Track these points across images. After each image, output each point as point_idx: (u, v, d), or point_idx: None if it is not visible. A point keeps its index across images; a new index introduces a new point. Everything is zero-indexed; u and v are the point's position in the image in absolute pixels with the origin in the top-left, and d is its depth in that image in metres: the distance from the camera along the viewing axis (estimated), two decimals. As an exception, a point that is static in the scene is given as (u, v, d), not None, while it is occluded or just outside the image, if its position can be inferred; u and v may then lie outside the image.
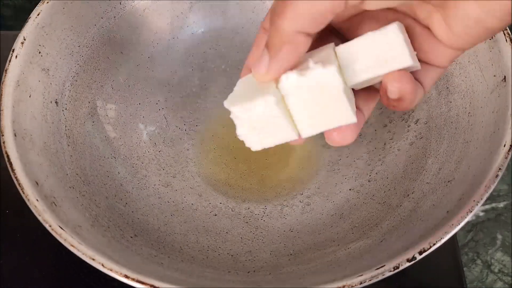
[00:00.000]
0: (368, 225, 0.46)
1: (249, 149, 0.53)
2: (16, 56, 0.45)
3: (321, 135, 0.53)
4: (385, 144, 0.51)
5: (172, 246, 0.45)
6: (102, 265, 0.37)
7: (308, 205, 0.50)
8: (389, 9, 0.32)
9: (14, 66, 0.45)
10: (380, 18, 0.33)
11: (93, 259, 0.37)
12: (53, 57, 0.48)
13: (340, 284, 0.36)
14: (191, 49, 0.57)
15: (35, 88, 0.46)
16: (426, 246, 0.37)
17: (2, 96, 0.44)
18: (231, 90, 0.35)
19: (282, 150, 0.52)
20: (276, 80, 0.33)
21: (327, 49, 0.33)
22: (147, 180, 0.50)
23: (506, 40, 0.45)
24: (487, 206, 0.60)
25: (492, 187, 0.39)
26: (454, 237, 0.49)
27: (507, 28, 0.46)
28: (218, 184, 0.51)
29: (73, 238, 0.38)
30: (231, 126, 0.52)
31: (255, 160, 0.53)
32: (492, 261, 0.57)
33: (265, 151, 0.51)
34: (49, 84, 0.47)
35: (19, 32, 0.47)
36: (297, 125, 0.33)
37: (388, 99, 0.32)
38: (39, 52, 0.47)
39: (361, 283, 0.36)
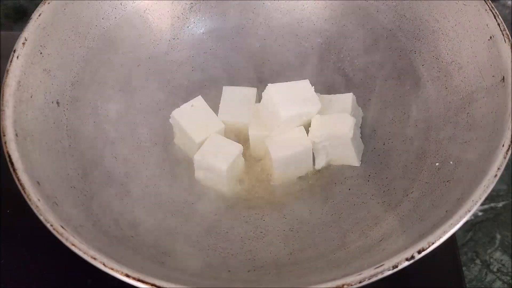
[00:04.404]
0: (368, 224, 0.46)
1: (249, 149, 0.53)
2: (17, 57, 0.45)
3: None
4: (384, 144, 0.52)
5: (173, 245, 0.45)
6: (103, 264, 0.37)
7: (308, 204, 0.50)
8: None
9: (15, 67, 0.45)
10: None
11: (95, 259, 0.37)
12: (54, 57, 0.48)
13: (340, 283, 0.36)
14: (191, 50, 0.57)
15: (36, 89, 0.46)
16: (425, 245, 0.37)
17: (4, 97, 0.44)
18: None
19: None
20: None
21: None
22: (148, 180, 0.50)
23: (505, 41, 0.45)
24: (486, 206, 0.60)
25: (491, 187, 0.39)
26: (453, 236, 0.49)
27: (506, 28, 0.46)
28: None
29: (75, 238, 0.38)
30: (231, 125, 0.53)
31: (255, 159, 0.53)
32: (491, 260, 0.57)
33: (264, 152, 0.51)
34: (50, 85, 0.48)
35: (20, 33, 0.47)
36: None
37: None
38: (41, 53, 0.47)
39: (360, 282, 0.36)
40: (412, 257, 0.37)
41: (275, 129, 0.50)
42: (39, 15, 0.48)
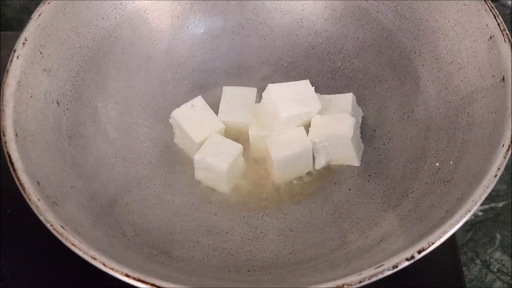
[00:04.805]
0: (368, 224, 0.46)
1: (249, 149, 0.53)
2: (17, 57, 0.45)
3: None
4: (384, 144, 0.52)
5: (173, 245, 0.45)
6: (103, 264, 0.37)
7: (308, 204, 0.50)
8: None
9: (15, 67, 0.45)
10: None
11: (95, 258, 0.37)
12: (54, 57, 0.48)
13: (340, 283, 0.36)
14: (191, 50, 0.57)
15: (36, 89, 0.46)
16: (425, 245, 0.37)
17: (4, 97, 0.44)
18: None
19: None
20: None
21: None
22: (148, 180, 0.50)
23: (505, 41, 0.45)
24: (486, 206, 0.60)
25: (491, 186, 0.39)
26: (453, 236, 0.49)
27: (506, 28, 0.46)
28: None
29: (75, 238, 0.38)
30: (231, 125, 0.53)
31: (255, 159, 0.53)
32: (491, 260, 0.57)
33: (264, 152, 0.52)
34: (51, 85, 0.48)
35: (20, 33, 0.47)
36: None
37: None
38: (41, 53, 0.47)
39: (360, 282, 0.36)
40: (412, 257, 0.37)
41: (275, 129, 0.50)
42: (39, 15, 0.48)
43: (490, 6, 0.47)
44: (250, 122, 0.52)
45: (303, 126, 0.51)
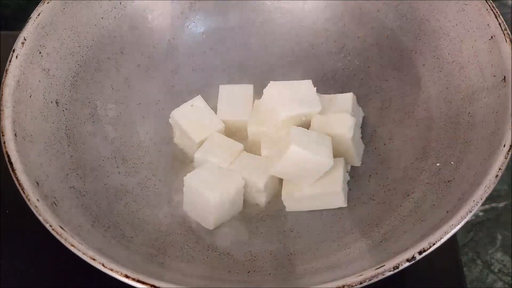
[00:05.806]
0: (368, 225, 0.46)
1: (248, 146, 0.53)
2: (16, 56, 0.45)
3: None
4: (385, 144, 0.51)
5: (172, 246, 0.45)
6: (103, 265, 0.37)
7: (308, 205, 0.50)
8: None
9: (14, 66, 0.45)
10: None
11: (94, 259, 0.37)
12: (54, 57, 0.48)
13: (340, 283, 0.36)
14: (191, 49, 0.57)
15: (35, 88, 0.46)
16: (426, 246, 0.37)
17: (3, 96, 0.44)
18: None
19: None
20: None
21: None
22: (147, 180, 0.50)
23: (506, 41, 0.45)
24: (487, 206, 0.60)
25: (492, 187, 0.39)
26: (454, 237, 0.49)
27: (507, 28, 0.46)
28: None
29: (74, 238, 0.38)
30: (230, 124, 0.53)
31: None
32: (492, 261, 0.57)
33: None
34: (50, 84, 0.48)
35: (20, 32, 0.47)
36: None
37: None
38: (40, 52, 0.47)
39: (361, 283, 0.36)
40: (413, 257, 0.37)
41: (273, 127, 0.50)
42: (38, 15, 0.48)
43: (491, 6, 0.47)
44: (249, 119, 0.52)
45: (302, 126, 0.51)
